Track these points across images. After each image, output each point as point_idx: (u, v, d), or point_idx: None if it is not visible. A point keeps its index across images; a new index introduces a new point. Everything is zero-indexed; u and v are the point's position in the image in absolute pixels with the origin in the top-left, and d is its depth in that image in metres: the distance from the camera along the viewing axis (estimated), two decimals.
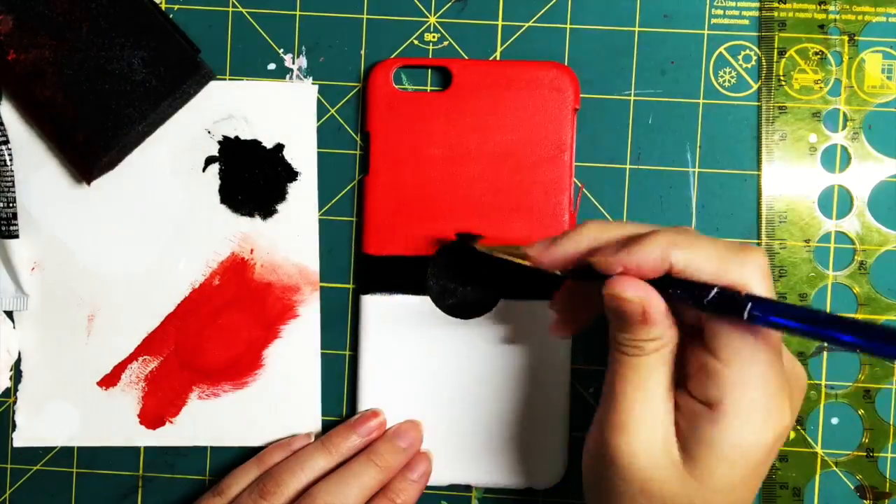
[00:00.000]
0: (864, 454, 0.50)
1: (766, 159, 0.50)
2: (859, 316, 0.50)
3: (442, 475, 0.50)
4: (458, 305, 0.50)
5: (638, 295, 0.37)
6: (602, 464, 0.39)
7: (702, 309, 0.37)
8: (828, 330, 0.33)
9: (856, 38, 0.50)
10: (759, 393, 0.36)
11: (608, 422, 0.39)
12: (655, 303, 0.37)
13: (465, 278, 0.50)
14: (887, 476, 0.50)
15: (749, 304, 0.35)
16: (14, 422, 0.52)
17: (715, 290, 0.36)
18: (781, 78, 0.50)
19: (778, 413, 0.37)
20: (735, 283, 0.36)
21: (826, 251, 0.50)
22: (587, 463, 0.42)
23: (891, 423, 0.50)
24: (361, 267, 0.51)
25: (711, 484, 0.37)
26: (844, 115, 0.50)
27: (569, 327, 0.45)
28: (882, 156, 0.50)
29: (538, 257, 0.41)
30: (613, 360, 0.40)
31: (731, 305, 0.35)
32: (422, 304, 0.50)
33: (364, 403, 0.51)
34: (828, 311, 0.50)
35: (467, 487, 0.52)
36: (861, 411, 0.50)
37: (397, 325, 0.50)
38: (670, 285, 0.37)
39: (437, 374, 0.50)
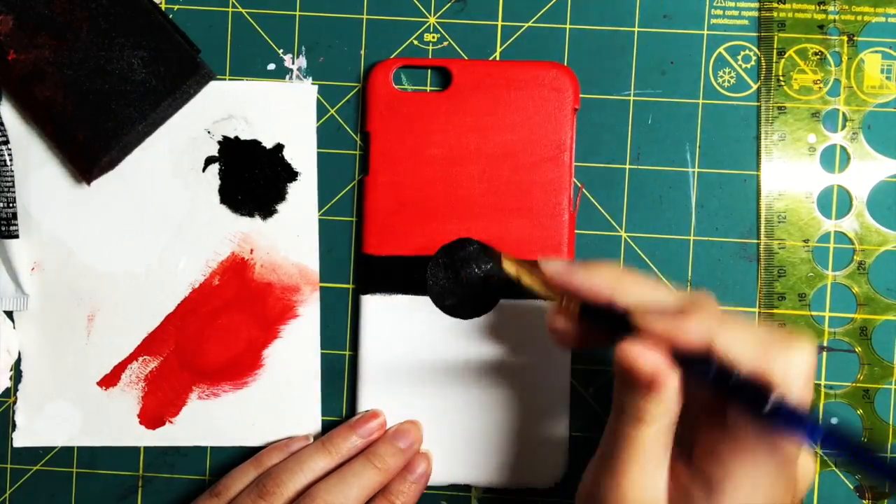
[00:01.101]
0: None
1: (765, 159, 0.50)
2: (858, 316, 0.50)
3: (442, 475, 0.50)
4: (458, 305, 0.50)
5: (652, 366, 0.36)
6: None
7: (728, 396, 0.36)
8: (867, 465, 0.32)
9: (855, 38, 0.50)
10: (761, 492, 0.36)
11: (602, 479, 0.39)
12: (668, 376, 0.36)
13: (465, 278, 0.50)
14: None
15: (795, 417, 0.33)
16: (14, 422, 0.52)
17: (753, 390, 0.35)
18: (781, 78, 0.50)
19: (779, 502, 0.36)
20: (775, 376, 0.34)
21: (825, 251, 0.50)
22: None
23: (890, 422, 0.50)
24: (361, 267, 0.51)
25: None
26: (844, 115, 0.50)
27: (568, 341, 0.42)
28: (881, 156, 0.50)
29: (556, 276, 0.41)
30: (615, 422, 0.39)
31: (763, 403, 0.34)
32: (422, 304, 0.50)
33: (364, 403, 0.51)
34: (827, 310, 0.50)
35: (467, 487, 0.52)
36: (860, 411, 0.50)
37: (397, 325, 0.50)
38: (697, 362, 0.36)
39: (437, 374, 0.50)
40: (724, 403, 0.37)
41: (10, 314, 0.52)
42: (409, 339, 0.50)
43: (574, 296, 0.41)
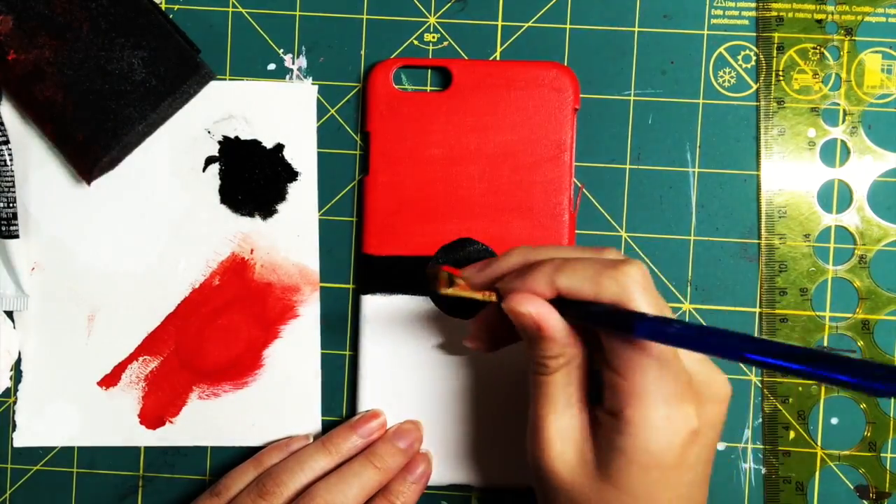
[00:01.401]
0: (867, 448, 0.50)
1: (764, 155, 0.50)
2: (860, 310, 0.50)
3: (442, 475, 0.50)
4: (458, 305, 0.50)
5: (530, 310, 0.40)
6: (537, 481, 0.42)
7: (595, 327, 0.39)
8: (695, 342, 0.34)
9: (854, 38, 0.50)
10: (657, 399, 0.38)
11: (528, 440, 0.42)
12: (551, 319, 0.40)
13: None
14: (887, 467, 0.50)
15: (632, 321, 0.36)
16: (14, 422, 0.52)
17: (601, 308, 0.38)
18: (780, 74, 0.50)
19: (680, 416, 0.38)
20: (615, 299, 0.38)
21: (826, 245, 0.50)
22: (536, 490, 0.43)
23: (891, 415, 0.50)
24: (361, 267, 0.51)
25: (629, 489, 0.39)
26: (844, 110, 0.50)
27: (483, 345, 0.46)
28: (881, 150, 0.50)
29: (471, 278, 0.44)
30: (529, 381, 0.42)
31: (616, 321, 0.38)
32: (422, 304, 0.50)
33: (364, 403, 0.51)
34: (828, 305, 0.50)
35: (467, 487, 0.52)
36: (863, 405, 0.50)
37: (397, 325, 0.50)
38: (567, 307, 0.40)
39: (437, 374, 0.50)
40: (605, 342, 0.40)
41: (10, 314, 0.52)
42: (409, 338, 0.50)
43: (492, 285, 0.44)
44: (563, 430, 0.40)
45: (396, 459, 0.49)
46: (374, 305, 0.50)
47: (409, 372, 0.50)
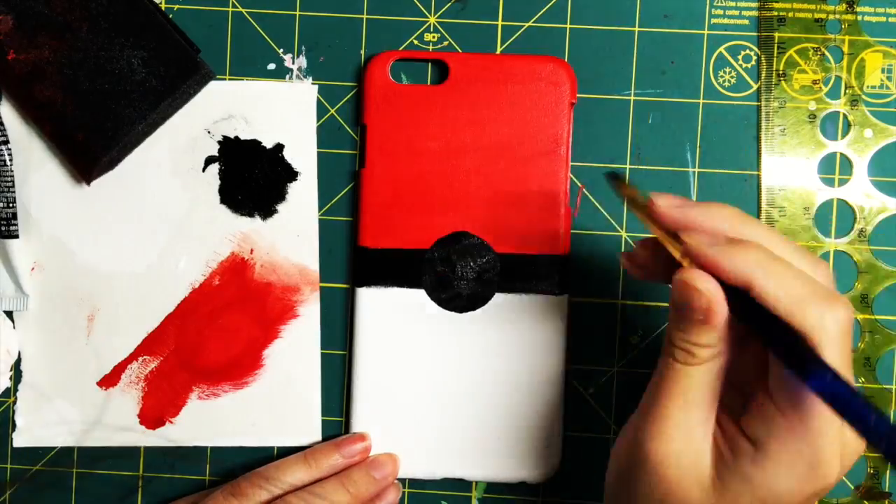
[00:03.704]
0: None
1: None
2: (859, 284, 0.50)
3: (435, 468, 0.50)
4: (453, 299, 0.50)
5: (708, 288, 0.36)
6: (632, 465, 0.39)
7: (766, 345, 0.37)
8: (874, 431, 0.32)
9: (855, 37, 0.50)
10: (810, 447, 0.35)
11: (645, 425, 0.39)
12: (721, 305, 0.36)
13: (460, 272, 0.50)
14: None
15: (811, 370, 0.33)
16: (14, 422, 0.52)
17: (785, 333, 0.35)
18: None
19: (824, 469, 0.36)
20: (807, 329, 0.35)
21: (826, 219, 0.50)
22: (614, 464, 0.41)
23: (893, 389, 0.50)
24: (357, 259, 0.51)
25: None
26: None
27: (636, 270, 0.42)
28: (881, 123, 0.50)
29: (663, 211, 0.39)
30: (662, 364, 0.39)
31: (792, 356, 0.34)
32: (417, 297, 0.50)
33: (359, 396, 0.50)
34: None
35: (467, 487, 0.52)
36: (861, 379, 0.50)
37: (392, 318, 0.50)
38: (745, 306, 0.36)
39: (432, 367, 0.50)
40: (769, 364, 0.37)
41: (10, 314, 0.52)
42: (404, 331, 0.50)
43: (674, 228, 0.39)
44: (686, 430, 0.37)
45: (368, 487, 0.49)
46: (370, 298, 0.50)
47: (403, 364, 0.50)
